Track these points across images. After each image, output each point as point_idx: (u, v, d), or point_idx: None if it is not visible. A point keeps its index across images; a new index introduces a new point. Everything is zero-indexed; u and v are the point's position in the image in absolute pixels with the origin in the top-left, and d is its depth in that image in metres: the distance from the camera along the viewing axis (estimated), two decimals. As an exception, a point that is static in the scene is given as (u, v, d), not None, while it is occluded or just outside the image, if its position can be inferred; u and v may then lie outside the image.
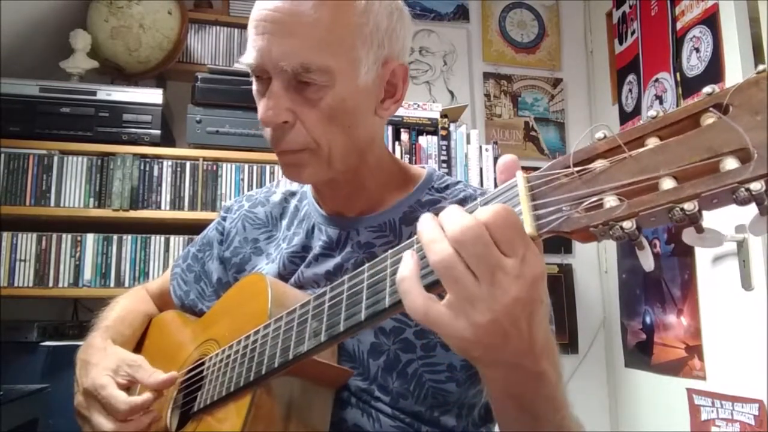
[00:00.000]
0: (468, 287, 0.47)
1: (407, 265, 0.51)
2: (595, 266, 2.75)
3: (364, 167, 0.85)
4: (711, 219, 0.42)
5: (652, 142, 0.41)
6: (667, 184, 0.39)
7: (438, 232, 0.48)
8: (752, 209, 0.39)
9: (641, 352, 2.40)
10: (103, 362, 0.87)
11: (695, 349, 2.08)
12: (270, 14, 0.74)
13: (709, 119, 0.39)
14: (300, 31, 0.73)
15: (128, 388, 0.87)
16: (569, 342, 2.63)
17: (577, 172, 0.43)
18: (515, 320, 0.47)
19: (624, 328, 2.53)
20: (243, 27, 2.39)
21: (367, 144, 0.83)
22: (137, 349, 1.01)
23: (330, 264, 0.86)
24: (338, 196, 0.87)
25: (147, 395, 0.80)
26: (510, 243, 0.45)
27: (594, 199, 0.42)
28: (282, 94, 0.75)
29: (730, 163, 0.37)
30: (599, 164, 0.43)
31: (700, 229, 0.40)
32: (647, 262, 0.43)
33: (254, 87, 0.81)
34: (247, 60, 0.77)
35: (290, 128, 0.76)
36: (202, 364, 0.84)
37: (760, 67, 0.37)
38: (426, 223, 0.50)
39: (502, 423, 0.62)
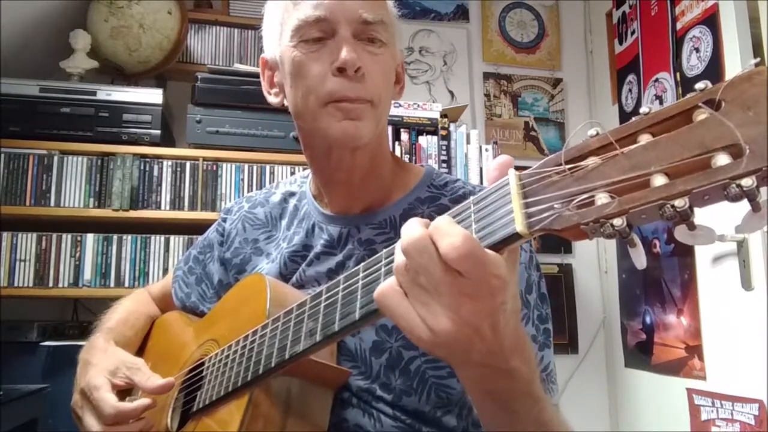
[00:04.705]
0: (420, 295, 0.49)
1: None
2: (595, 266, 2.75)
3: (380, 152, 0.87)
4: (711, 219, 0.42)
5: (644, 139, 0.40)
6: (659, 180, 0.38)
7: (397, 245, 0.51)
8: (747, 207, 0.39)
9: (641, 352, 2.40)
10: (102, 363, 0.88)
11: (695, 349, 2.08)
12: None
13: (701, 115, 0.39)
14: None
15: (130, 390, 0.87)
16: (569, 342, 2.63)
17: (569, 169, 0.43)
18: (477, 328, 0.48)
19: (624, 328, 2.53)
20: (243, 27, 2.40)
21: (384, 126, 0.87)
22: (140, 350, 1.02)
23: (332, 262, 0.86)
24: (351, 183, 0.87)
25: (139, 402, 0.80)
26: (459, 260, 0.46)
27: (585, 196, 0.41)
28: (354, 43, 0.78)
29: (722, 159, 0.37)
30: (591, 161, 0.42)
31: (692, 226, 0.39)
32: (639, 259, 0.42)
33: (300, 53, 0.80)
34: (311, 13, 0.78)
35: (362, 77, 0.78)
36: (202, 364, 0.84)
37: (752, 62, 0.37)
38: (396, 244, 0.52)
39: (482, 418, 0.62)
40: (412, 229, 0.48)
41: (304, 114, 0.82)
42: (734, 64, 1.95)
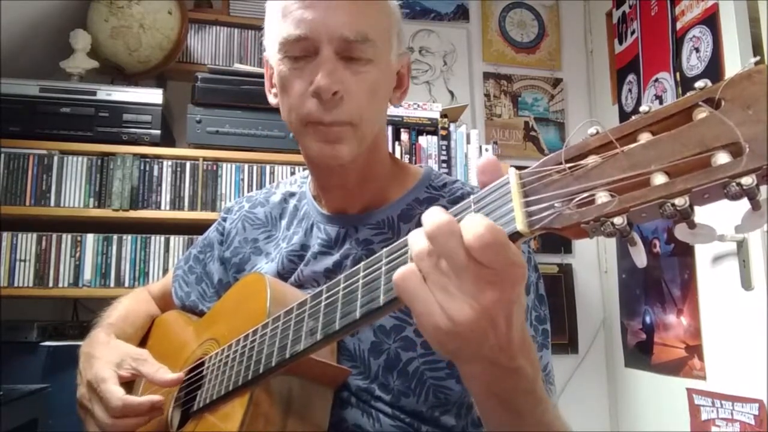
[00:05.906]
0: (441, 281, 0.48)
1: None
2: (595, 266, 2.75)
3: (375, 156, 0.87)
4: (711, 218, 0.41)
5: (645, 138, 0.40)
6: (659, 179, 0.38)
7: (419, 231, 0.50)
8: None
9: (641, 352, 2.40)
10: (106, 356, 0.88)
11: (695, 349, 2.08)
12: None
13: (701, 114, 0.39)
14: (355, 4, 0.77)
15: (132, 381, 0.87)
16: (569, 342, 2.62)
17: (569, 168, 0.43)
18: (493, 319, 0.48)
19: (624, 328, 2.53)
20: (243, 27, 2.40)
21: (380, 131, 0.87)
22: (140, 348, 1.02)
23: (329, 261, 0.87)
24: (346, 186, 0.87)
25: (147, 397, 0.80)
26: (485, 249, 0.45)
27: (585, 195, 0.41)
28: (334, 63, 0.76)
29: (722, 158, 0.37)
30: (591, 160, 0.42)
31: (692, 225, 0.39)
32: (639, 258, 0.42)
33: (285, 68, 0.80)
34: (292, 32, 0.77)
35: (339, 100, 0.77)
36: (202, 363, 0.84)
37: (752, 60, 0.37)
38: (415, 231, 0.51)
39: (484, 418, 0.62)
40: (437, 214, 0.48)
41: (290, 127, 0.83)
42: (734, 64, 1.95)
